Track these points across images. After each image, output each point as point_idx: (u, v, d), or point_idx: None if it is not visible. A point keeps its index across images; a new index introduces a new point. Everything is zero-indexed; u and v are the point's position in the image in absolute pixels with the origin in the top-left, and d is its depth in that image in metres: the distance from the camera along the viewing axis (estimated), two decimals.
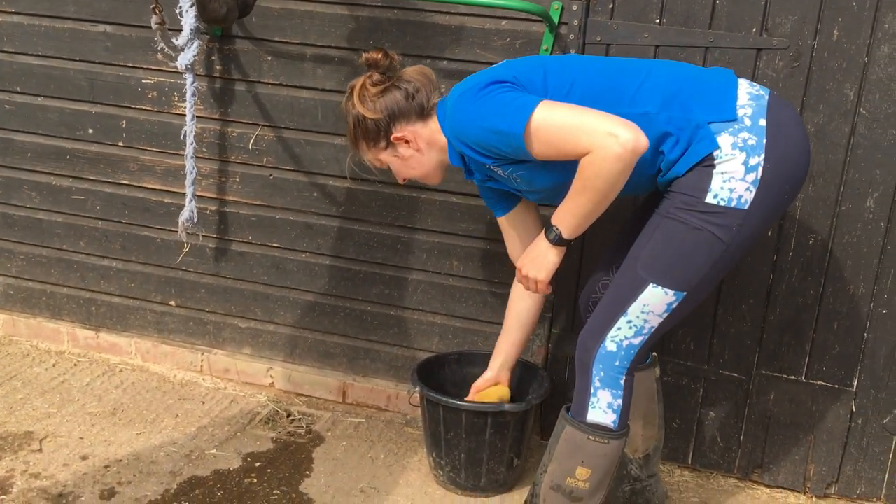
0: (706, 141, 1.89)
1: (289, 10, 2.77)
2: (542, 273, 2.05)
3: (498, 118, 1.89)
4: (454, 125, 2.01)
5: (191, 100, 2.77)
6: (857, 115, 2.38)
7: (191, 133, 2.80)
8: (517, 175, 2.05)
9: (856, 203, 2.43)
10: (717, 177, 1.87)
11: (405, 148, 2.17)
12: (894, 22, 2.29)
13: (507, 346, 2.50)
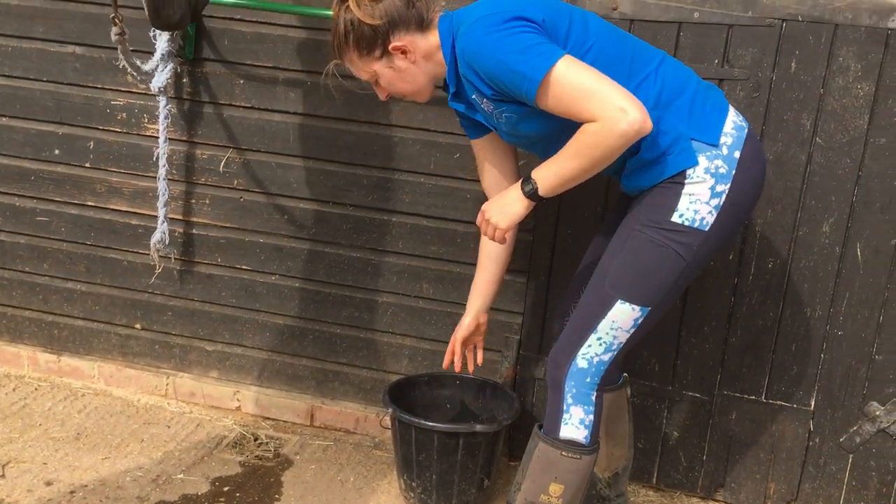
0: (686, 155, 1.95)
1: (261, 34, 2.80)
2: (503, 221, 1.99)
3: (519, 58, 1.83)
4: (468, 47, 1.91)
5: (164, 122, 2.79)
6: (813, 144, 2.48)
7: (163, 155, 2.80)
8: (505, 116, 2.00)
9: (812, 228, 2.53)
10: (685, 197, 1.94)
11: (401, 59, 2.03)
12: (848, 56, 2.41)
13: (484, 284, 2.39)
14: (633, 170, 2.02)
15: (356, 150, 2.83)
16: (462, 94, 2.08)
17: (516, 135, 2.07)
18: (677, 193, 1.95)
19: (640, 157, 1.99)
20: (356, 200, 2.86)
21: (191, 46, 2.84)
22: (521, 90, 1.86)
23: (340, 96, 2.74)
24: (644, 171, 2.00)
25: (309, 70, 2.79)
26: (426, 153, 2.78)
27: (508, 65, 1.84)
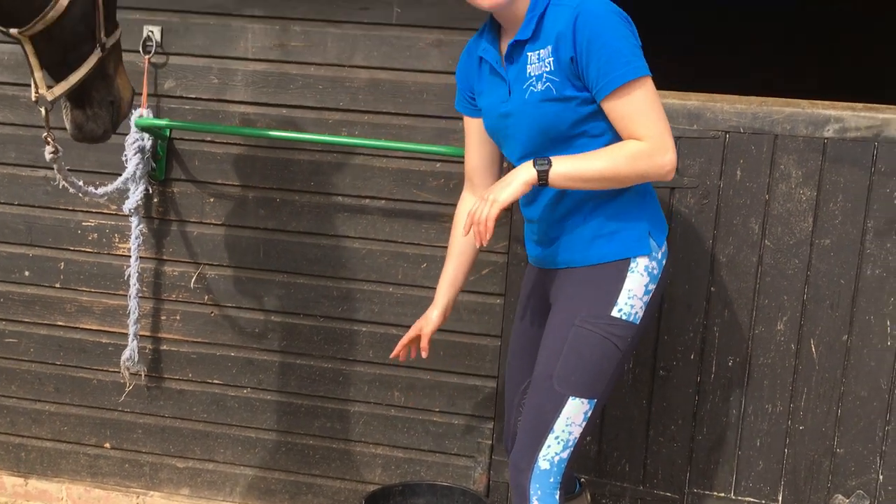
0: (640, 244, 2.07)
1: (231, 154, 2.90)
2: (504, 193, 1.95)
3: (634, 51, 1.95)
4: (595, 10, 1.94)
5: (135, 241, 2.84)
6: (762, 247, 2.61)
7: (135, 274, 2.84)
8: (544, 86, 1.98)
9: (768, 327, 2.64)
10: (624, 292, 2.06)
11: None
12: (789, 163, 2.57)
13: (455, 275, 2.34)
14: (578, 236, 2.10)
15: (325, 262, 2.90)
16: (520, 44, 2.03)
17: (522, 114, 2.04)
18: (617, 290, 2.05)
19: (597, 223, 2.07)
20: (326, 312, 2.92)
21: (161, 167, 2.92)
22: (612, 74, 1.91)
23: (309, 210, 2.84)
24: (590, 242, 2.09)
25: (279, 187, 2.88)
26: (393, 264, 2.86)
27: (622, 49, 1.92)
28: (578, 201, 2.10)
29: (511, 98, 2.07)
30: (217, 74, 2.86)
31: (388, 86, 2.79)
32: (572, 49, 1.95)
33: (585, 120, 2.02)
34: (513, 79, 2.07)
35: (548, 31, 1.99)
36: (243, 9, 2.82)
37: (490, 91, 2.15)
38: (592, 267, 2.09)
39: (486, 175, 2.30)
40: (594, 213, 2.09)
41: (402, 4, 2.74)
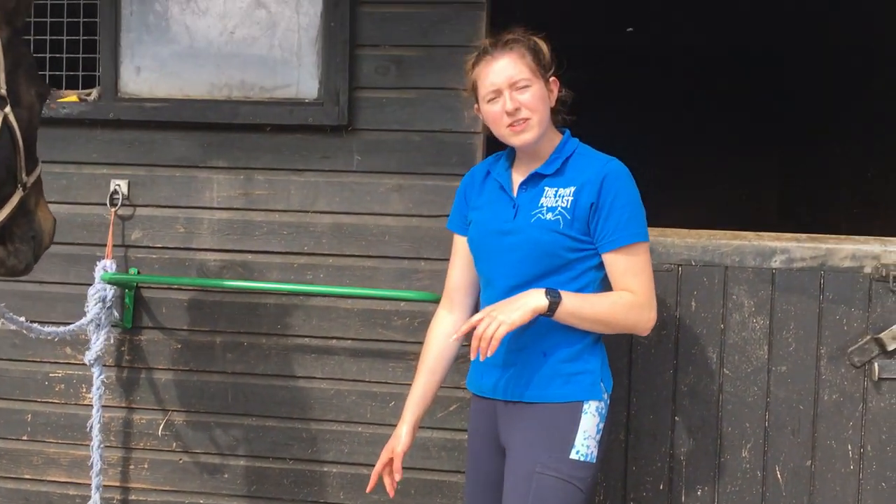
0: (594, 390, 2.14)
1: (198, 300, 2.94)
2: (514, 315, 2.02)
3: (642, 218, 2.18)
4: (621, 171, 2.17)
5: (97, 392, 2.83)
6: (722, 375, 2.67)
7: (97, 425, 2.83)
8: (552, 218, 2.12)
9: (733, 454, 2.67)
10: (580, 434, 2.11)
11: (551, 93, 2.19)
12: (741, 294, 2.65)
13: (423, 393, 2.34)
14: (536, 372, 2.14)
15: (294, 404, 2.91)
16: (539, 177, 2.19)
17: (523, 235, 2.14)
18: (572, 432, 2.10)
19: (556, 362, 2.13)
20: (296, 454, 2.92)
21: (129, 316, 2.95)
22: (626, 232, 2.12)
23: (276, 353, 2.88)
24: (548, 380, 2.13)
25: (247, 331, 2.92)
26: (362, 403, 2.88)
27: (638, 213, 2.17)
28: (542, 334, 2.15)
29: (516, 220, 2.18)
30: (183, 224, 2.94)
31: (350, 229, 2.87)
32: (596, 197, 2.13)
33: (573, 259, 2.14)
34: (522, 203, 2.19)
35: (572, 173, 2.18)
36: (208, 160, 2.92)
37: (491, 207, 2.24)
38: (546, 406, 2.13)
39: (467, 294, 2.35)
40: (554, 351, 2.15)
41: (362, 152, 2.85)
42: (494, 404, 2.22)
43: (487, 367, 2.22)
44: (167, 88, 2.94)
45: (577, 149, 2.23)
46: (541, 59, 2.17)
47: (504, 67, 2.12)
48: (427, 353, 2.35)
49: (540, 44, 2.20)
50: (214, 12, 2.90)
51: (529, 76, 2.13)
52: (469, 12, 2.78)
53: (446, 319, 2.36)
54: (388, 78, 2.83)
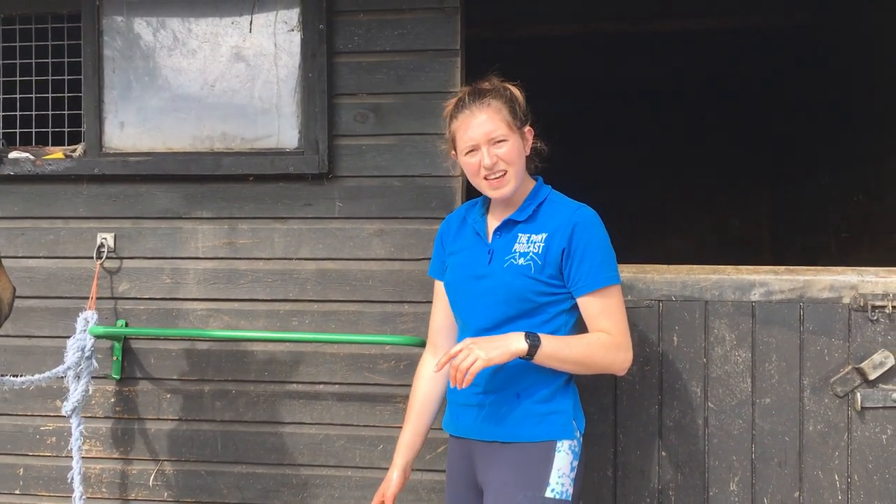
0: (566, 430, 2.17)
1: (185, 349, 2.97)
2: (492, 352, 2.05)
3: (613, 262, 2.22)
4: (589, 217, 2.21)
5: (76, 443, 2.81)
6: (706, 409, 2.68)
7: (78, 476, 2.81)
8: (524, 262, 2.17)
9: (721, 488, 2.67)
10: (554, 473, 2.13)
11: (525, 144, 2.24)
12: (721, 327, 2.67)
13: (412, 438, 2.38)
14: (509, 412, 2.17)
15: (283, 450, 2.93)
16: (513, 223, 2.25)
17: (497, 280, 2.18)
18: (547, 471, 2.13)
19: (530, 403, 2.16)
20: (286, 500, 2.92)
21: (117, 367, 2.98)
22: (599, 276, 2.17)
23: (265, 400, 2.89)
24: (521, 420, 2.16)
25: (234, 379, 2.94)
26: (351, 448, 2.90)
27: (609, 258, 2.22)
28: (516, 376, 2.18)
29: (491, 265, 2.23)
30: (169, 274, 2.97)
31: (334, 275, 2.90)
32: (567, 243, 2.19)
33: (545, 303, 2.18)
34: (497, 248, 2.25)
35: (544, 220, 2.24)
36: (192, 212, 2.96)
37: (467, 252, 2.30)
38: (520, 446, 2.16)
39: (448, 337, 2.38)
40: (528, 393, 2.18)
41: (344, 198, 2.90)
42: (470, 444, 2.25)
43: (462, 408, 2.26)
44: (150, 142, 2.99)
45: (549, 196, 2.29)
46: (516, 112, 2.23)
47: (482, 123, 2.19)
48: (415, 397, 2.40)
49: (516, 94, 2.26)
50: (195, 67, 2.96)
51: (506, 131, 2.19)
52: (443, 59, 2.84)
53: (431, 363, 2.39)
54: (367, 125, 2.88)
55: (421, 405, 2.38)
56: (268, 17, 2.92)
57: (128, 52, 2.99)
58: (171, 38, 2.97)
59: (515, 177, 2.21)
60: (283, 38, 2.91)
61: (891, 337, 2.59)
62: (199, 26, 2.96)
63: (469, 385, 2.19)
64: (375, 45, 2.87)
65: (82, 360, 2.83)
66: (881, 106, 3.68)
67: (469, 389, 2.22)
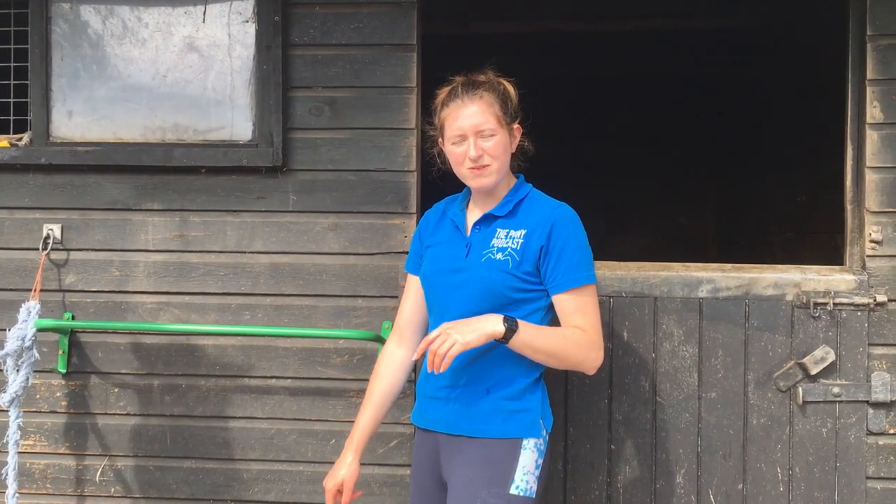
0: (533, 428, 2.19)
1: (134, 343, 2.92)
2: (469, 335, 2.05)
3: (590, 260, 2.24)
4: (569, 215, 2.24)
5: (13, 437, 2.72)
6: (655, 403, 2.73)
7: (12, 471, 2.74)
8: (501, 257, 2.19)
9: (667, 480, 2.73)
10: (519, 469, 2.15)
11: (512, 140, 2.28)
12: (670, 323, 2.73)
13: (369, 423, 2.37)
14: (478, 407, 2.19)
15: (234, 445, 2.90)
16: (492, 218, 2.27)
17: (474, 273, 2.20)
18: (512, 468, 2.14)
19: (498, 398, 2.18)
20: (237, 495, 2.90)
21: (63, 361, 2.92)
22: (575, 275, 2.19)
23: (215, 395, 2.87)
24: (489, 416, 2.18)
25: (183, 373, 2.91)
26: (303, 442, 2.89)
27: (586, 257, 2.24)
28: (486, 371, 2.20)
29: (468, 259, 2.25)
30: (118, 267, 2.92)
31: (287, 269, 2.89)
32: (545, 241, 2.21)
33: (520, 299, 2.20)
34: (475, 242, 2.27)
35: (524, 216, 2.27)
36: (142, 203, 2.92)
37: (446, 245, 2.32)
38: (486, 442, 2.17)
39: (416, 331, 2.40)
40: (497, 389, 2.20)
41: (298, 192, 2.88)
42: (437, 437, 2.26)
43: (431, 400, 2.28)
44: (100, 132, 2.93)
45: (530, 193, 2.33)
46: (507, 107, 2.27)
47: (472, 115, 2.21)
48: (375, 385, 2.40)
49: (509, 90, 2.31)
50: (147, 56, 2.91)
51: (495, 126, 2.22)
52: (400, 54, 2.84)
53: (395, 353, 2.42)
54: (322, 119, 2.86)
55: (381, 394, 2.39)
56: (222, 8, 2.89)
57: (77, 39, 2.93)
58: (122, 27, 2.92)
59: (498, 171, 2.24)
60: (237, 28, 2.88)
61: (832, 333, 2.68)
62: (151, 15, 2.92)
63: (439, 376, 2.22)
64: (332, 38, 2.86)
65: (23, 350, 2.76)
66: (823, 108, 3.79)
67: (439, 382, 2.25)
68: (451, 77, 2.32)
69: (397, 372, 2.39)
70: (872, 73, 2.72)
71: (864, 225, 2.73)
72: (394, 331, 2.44)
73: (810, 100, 4.19)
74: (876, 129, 2.72)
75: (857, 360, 2.68)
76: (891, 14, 2.71)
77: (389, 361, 2.40)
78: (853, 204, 2.77)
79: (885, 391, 2.66)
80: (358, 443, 2.37)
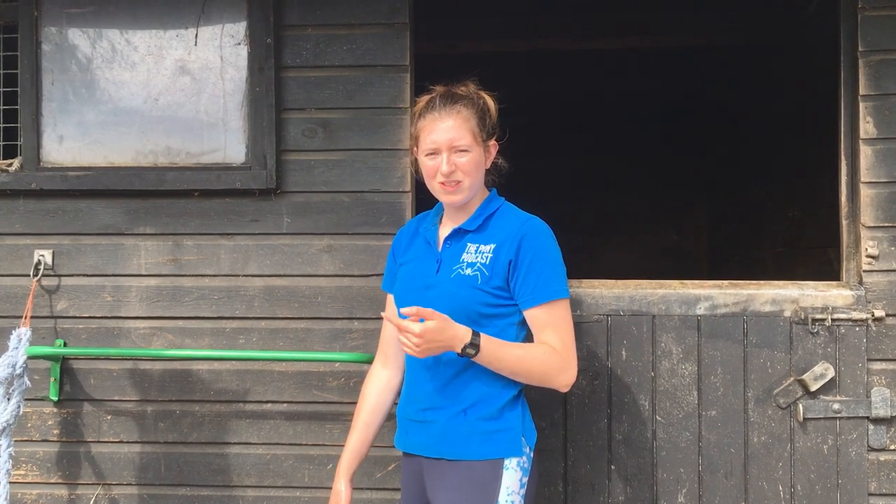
0: (513, 447, 2.14)
1: (127, 369, 2.89)
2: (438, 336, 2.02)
3: (562, 274, 2.20)
4: (539, 227, 2.20)
5: (4, 466, 2.67)
6: (655, 422, 2.71)
7: (4, 500, 2.69)
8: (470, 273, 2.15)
9: (669, 500, 2.70)
10: (503, 491, 2.11)
11: (487, 157, 2.25)
12: (669, 341, 2.71)
13: (359, 446, 2.36)
14: (455, 429, 2.15)
15: (230, 471, 2.86)
16: (463, 232, 2.23)
17: (443, 290, 2.17)
18: (496, 488, 2.10)
19: (476, 419, 2.14)
20: None
21: (55, 389, 2.88)
22: (545, 290, 2.14)
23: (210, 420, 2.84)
24: (467, 438, 2.14)
25: (177, 399, 2.87)
26: (299, 467, 2.85)
27: (557, 271, 2.18)
28: (462, 393, 2.17)
29: (438, 275, 2.21)
30: (111, 292, 2.89)
31: (282, 292, 2.86)
32: (514, 255, 2.17)
33: (491, 314, 2.17)
34: (446, 258, 2.24)
35: (494, 231, 2.23)
36: (135, 227, 2.89)
37: (417, 262, 2.29)
38: (468, 464, 2.14)
39: (399, 350, 2.35)
40: (474, 409, 2.16)
41: (292, 214, 2.86)
42: (420, 461, 2.24)
43: (411, 424, 2.25)
44: (91, 157, 2.91)
45: (501, 207, 2.29)
46: (485, 123, 2.23)
47: (447, 129, 2.18)
48: (362, 407, 2.38)
49: (489, 104, 2.27)
50: (138, 80, 2.89)
51: (470, 142, 2.18)
52: (393, 74, 2.83)
53: (381, 374, 2.40)
54: (315, 140, 2.85)
55: (369, 415, 2.37)
56: (214, 31, 2.88)
57: (67, 63, 2.91)
58: (112, 50, 2.91)
59: (470, 188, 2.21)
60: (229, 51, 2.87)
61: (830, 349, 2.67)
62: (142, 38, 2.90)
63: (418, 400, 2.20)
64: (324, 59, 2.85)
65: (14, 378, 2.72)
66: (814, 122, 3.80)
67: (417, 405, 2.22)
68: (432, 87, 2.29)
69: (383, 393, 2.38)
70: (865, 89, 2.73)
71: (860, 240, 2.73)
72: (378, 352, 2.42)
73: (801, 114, 4.21)
74: (870, 145, 2.73)
75: (857, 376, 2.67)
76: (882, 30, 2.73)
77: (375, 383, 2.39)
78: (849, 219, 2.77)
79: (885, 407, 2.65)
80: (348, 468, 2.36)
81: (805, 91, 4.06)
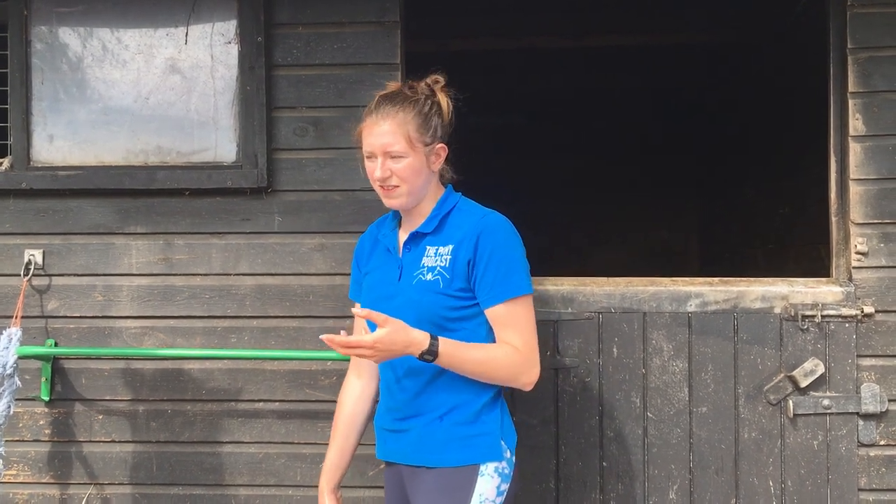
0: (492, 451, 2.10)
1: (118, 369, 2.88)
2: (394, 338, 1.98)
3: (524, 269, 2.14)
4: (498, 223, 2.13)
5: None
6: (646, 419, 2.72)
7: None
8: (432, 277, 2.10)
9: (660, 497, 2.71)
10: (475, 497, 2.07)
11: (432, 161, 2.15)
12: (660, 338, 2.72)
13: (339, 458, 2.33)
14: (432, 436, 2.11)
15: (222, 470, 2.86)
16: (420, 236, 2.17)
17: (406, 298, 2.12)
18: (468, 494, 2.07)
19: (452, 424, 2.11)
20: None
21: (46, 388, 2.87)
22: (505, 286, 2.08)
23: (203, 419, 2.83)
24: (444, 444, 2.10)
25: (170, 398, 2.87)
26: (292, 466, 2.85)
27: (517, 267, 2.12)
28: (438, 398, 2.13)
29: (400, 282, 2.17)
30: (101, 292, 2.89)
31: (274, 290, 2.86)
32: (472, 254, 2.11)
33: (459, 317, 2.13)
34: (406, 264, 2.18)
35: (451, 231, 2.16)
36: (125, 227, 2.88)
37: (380, 270, 2.24)
38: (444, 471, 2.11)
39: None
40: (450, 415, 2.13)
41: (283, 213, 2.86)
42: (400, 469, 2.21)
43: (388, 433, 2.22)
44: (81, 156, 2.90)
45: (458, 204, 2.22)
46: (428, 127, 2.13)
47: (382, 134, 2.11)
48: (339, 418, 2.35)
49: (441, 107, 2.17)
50: (128, 79, 2.89)
51: (405, 148, 2.10)
52: (384, 73, 2.83)
53: (355, 384, 2.36)
54: (307, 139, 2.85)
55: (346, 425, 2.34)
56: (204, 29, 2.87)
57: (57, 62, 2.90)
58: (102, 49, 2.90)
59: (409, 193, 2.14)
60: (220, 49, 2.87)
61: (820, 345, 2.69)
62: (132, 37, 2.89)
63: (394, 409, 2.18)
64: (315, 58, 2.85)
65: (4, 378, 2.71)
66: (802, 120, 3.82)
67: (394, 414, 2.20)
68: (387, 83, 2.26)
69: (358, 402, 2.34)
70: (854, 86, 2.74)
71: (850, 237, 2.74)
72: (351, 362, 2.38)
73: (790, 111, 4.22)
74: (859, 142, 2.74)
75: (847, 372, 2.68)
76: (870, 27, 2.74)
77: (350, 392, 2.35)
78: (838, 216, 2.79)
79: (874, 402, 2.66)
80: (329, 483, 2.34)
81: (795, 88, 4.08)
